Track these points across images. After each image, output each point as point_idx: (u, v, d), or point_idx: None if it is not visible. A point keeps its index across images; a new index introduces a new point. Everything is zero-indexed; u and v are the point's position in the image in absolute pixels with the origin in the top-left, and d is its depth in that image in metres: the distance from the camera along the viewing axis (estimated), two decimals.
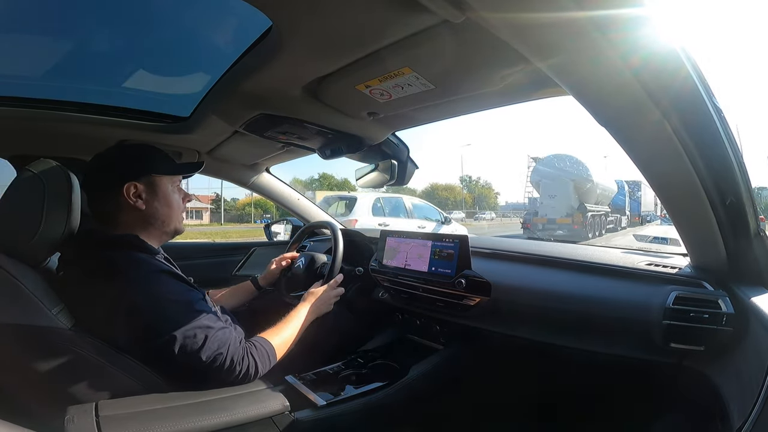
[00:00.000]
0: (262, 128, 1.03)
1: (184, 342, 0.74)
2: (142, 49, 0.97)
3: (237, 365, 0.78)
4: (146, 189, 0.86)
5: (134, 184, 0.84)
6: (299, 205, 1.86)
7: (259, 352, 0.82)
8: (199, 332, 0.75)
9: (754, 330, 0.70)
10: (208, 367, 0.75)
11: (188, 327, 0.74)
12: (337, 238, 1.37)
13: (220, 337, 0.77)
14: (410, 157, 1.32)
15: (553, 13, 0.44)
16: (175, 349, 0.73)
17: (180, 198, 0.93)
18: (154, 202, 0.87)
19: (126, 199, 0.83)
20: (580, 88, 0.60)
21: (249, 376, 0.80)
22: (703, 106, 0.59)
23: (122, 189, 0.82)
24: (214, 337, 0.76)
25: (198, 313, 0.78)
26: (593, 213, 12.81)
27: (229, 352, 0.77)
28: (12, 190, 0.78)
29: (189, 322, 0.75)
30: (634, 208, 16.92)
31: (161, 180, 0.88)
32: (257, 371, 0.81)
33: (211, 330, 0.76)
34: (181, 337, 0.74)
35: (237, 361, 0.78)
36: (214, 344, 0.76)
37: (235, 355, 0.78)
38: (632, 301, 0.89)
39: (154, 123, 1.17)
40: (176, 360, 0.74)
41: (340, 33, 0.63)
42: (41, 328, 0.69)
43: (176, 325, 0.74)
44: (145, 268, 0.79)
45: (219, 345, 0.76)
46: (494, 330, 1.10)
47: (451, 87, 0.79)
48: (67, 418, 0.63)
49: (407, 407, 1.02)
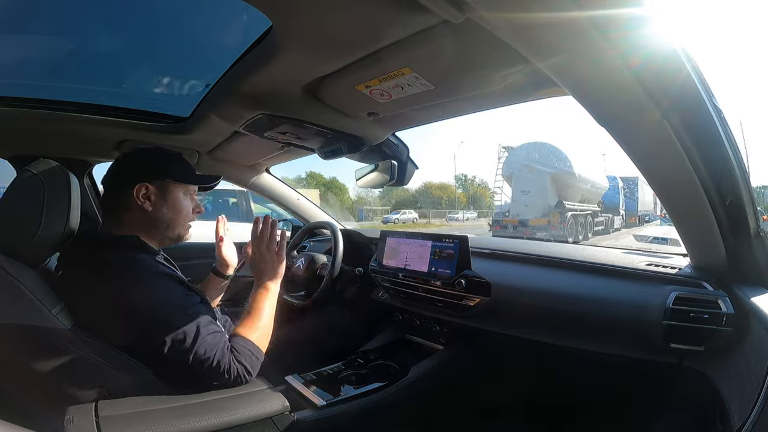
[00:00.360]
0: (262, 128, 1.03)
1: (173, 344, 0.74)
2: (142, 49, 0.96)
3: (225, 372, 0.77)
4: (157, 192, 0.87)
5: (146, 186, 0.85)
6: (299, 205, 1.86)
7: (244, 356, 0.80)
8: (188, 336, 0.75)
9: (754, 330, 0.70)
10: (197, 370, 0.75)
11: (179, 330, 0.74)
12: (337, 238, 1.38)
13: (209, 341, 0.76)
14: (410, 157, 1.32)
15: (553, 13, 0.44)
16: (164, 350, 0.74)
17: (190, 207, 0.93)
18: (162, 207, 0.87)
19: (135, 199, 0.84)
20: (580, 88, 0.60)
21: (241, 380, 0.79)
22: (703, 106, 0.59)
23: (133, 189, 0.84)
24: (202, 341, 0.75)
25: (191, 316, 0.77)
26: (576, 212, 10.80)
27: (216, 357, 0.76)
28: (12, 190, 0.78)
29: (180, 325, 0.75)
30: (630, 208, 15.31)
31: (175, 186, 0.89)
32: (249, 373, 0.80)
33: (200, 335, 0.76)
34: (170, 340, 0.74)
35: (224, 368, 0.77)
36: (201, 349, 0.75)
37: (222, 360, 0.77)
38: (632, 301, 0.89)
39: (154, 123, 1.16)
40: (167, 361, 0.74)
41: (340, 33, 0.63)
42: (41, 328, 0.70)
43: (168, 327, 0.74)
44: (143, 268, 0.79)
45: (206, 350, 0.75)
46: (494, 330, 1.10)
47: (451, 87, 0.79)
48: (67, 418, 0.63)
49: (407, 407, 1.02)
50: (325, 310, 1.34)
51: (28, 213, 0.76)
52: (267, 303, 0.91)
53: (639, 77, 0.53)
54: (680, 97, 0.56)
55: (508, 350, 1.16)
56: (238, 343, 0.81)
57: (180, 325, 0.75)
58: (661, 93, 0.55)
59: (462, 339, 1.21)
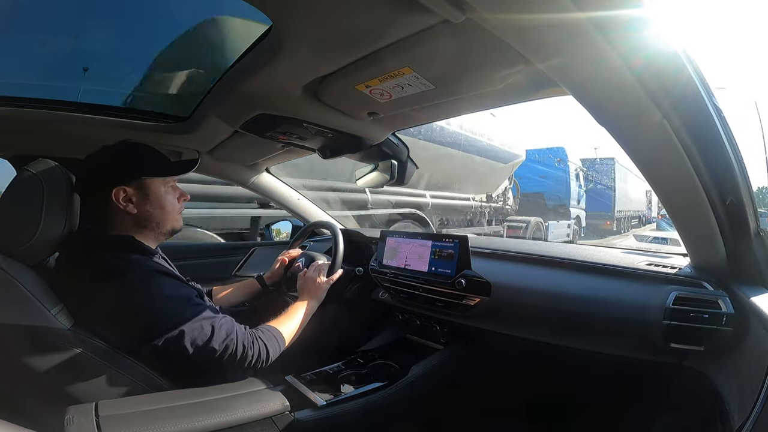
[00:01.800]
0: (262, 128, 1.03)
1: (194, 335, 0.74)
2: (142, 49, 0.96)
3: (249, 350, 0.79)
4: (136, 192, 0.83)
5: (123, 189, 0.82)
6: (299, 205, 1.86)
7: (267, 336, 0.84)
8: (205, 323, 0.76)
9: (754, 330, 0.70)
10: (221, 355, 0.77)
11: (194, 321, 0.75)
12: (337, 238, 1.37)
13: (226, 324, 0.79)
14: (410, 157, 1.32)
15: (554, 14, 0.44)
16: (186, 344, 0.74)
17: (175, 197, 0.91)
18: (146, 206, 0.85)
19: (116, 203, 0.81)
20: (581, 89, 0.60)
21: (261, 361, 0.81)
22: (703, 106, 0.59)
23: (111, 194, 0.81)
24: (220, 325, 0.77)
25: (198, 306, 0.79)
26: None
27: (239, 338, 0.78)
28: (11, 190, 0.78)
29: (193, 316, 0.76)
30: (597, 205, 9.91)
31: (153, 182, 0.86)
32: (269, 355, 0.82)
33: (216, 319, 0.78)
34: (189, 331, 0.74)
35: (248, 346, 0.79)
36: (222, 332, 0.77)
37: (245, 340, 0.79)
38: (632, 301, 0.89)
39: (154, 123, 1.16)
40: (189, 355, 0.74)
41: (341, 33, 0.63)
42: (41, 328, 0.70)
43: (181, 321, 0.74)
44: (142, 269, 0.79)
45: (227, 332, 0.78)
46: (494, 330, 1.10)
47: (451, 87, 0.79)
48: (67, 418, 0.63)
49: (407, 407, 1.02)
50: (325, 310, 1.34)
51: (27, 213, 0.76)
52: (302, 314, 1.00)
53: (640, 78, 0.52)
54: (681, 98, 0.56)
55: (508, 350, 1.16)
56: (263, 327, 0.86)
57: (192, 315, 0.76)
58: (662, 94, 0.55)
59: (462, 339, 1.21)
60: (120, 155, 0.87)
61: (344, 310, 1.39)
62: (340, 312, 1.36)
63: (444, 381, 1.13)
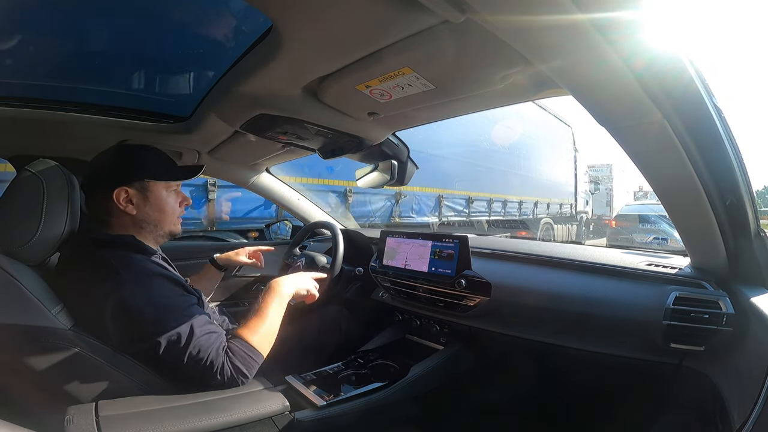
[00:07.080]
0: (262, 128, 1.03)
1: (167, 344, 0.74)
2: (142, 49, 0.96)
3: (218, 372, 0.76)
4: (138, 194, 0.85)
5: (125, 189, 0.84)
6: (299, 205, 1.86)
7: (239, 357, 0.79)
8: (182, 336, 0.75)
9: (754, 330, 0.70)
10: (191, 370, 0.75)
11: (173, 331, 0.74)
12: (337, 238, 1.38)
13: (202, 343, 0.76)
14: (410, 157, 1.32)
15: (555, 15, 0.44)
16: (159, 351, 0.74)
17: (176, 202, 0.92)
18: (146, 207, 0.86)
19: (116, 203, 0.83)
20: (582, 90, 0.60)
21: (235, 381, 0.79)
22: (704, 107, 0.59)
23: (113, 194, 0.83)
24: (195, 342, 0.75)
25: (185, 317, 0.77)
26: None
27: (209, 357, 0.76)
28: (11, 190, 0.78)
29: (175, 326, 0.75)
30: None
31: (155, 185, 0.87)
32: (244, 375, 0.80)
33: (194, 336, 0.76)
34: (165, 340, 0.74)
35: (217, 368, 0.76)
36: (194, 349, 0.75)
37: (215, 360, 0.76)
38: (632, 301, 0.89)
39: (154, 123, 1.16)
40: (162, 361, 0.75)
41: (341, 33, 0.63)
42: (41, 328, 0.70)
43: (162, 328, 0.74)
44: (139, 269, 0.79)
45: (200, 350, 0.75)
46: (494, 330, 1.10)
47: (451, 87, 0.79)
48: (67, 418, 0.63)
49: (407, 407, 1.02)
50: (325, 310, 1.34)
51: (28, 213, 0.76)
52: (273, 312, 0.89)
53: (641, 79, 0.52)
54: (682, 99, 0.56)
55: (508, 350, 1.16)
56: (235, 345, 0.81)
57: (174, 326, 0.75)
58: (663, 95, 0.55)
59: (462, 339, 1.21)
60: (125, 156, 0.88)
61: (344, 310, 1.39)
62: (340, 312, 1.36)
63: (444, 381, 1.13)
